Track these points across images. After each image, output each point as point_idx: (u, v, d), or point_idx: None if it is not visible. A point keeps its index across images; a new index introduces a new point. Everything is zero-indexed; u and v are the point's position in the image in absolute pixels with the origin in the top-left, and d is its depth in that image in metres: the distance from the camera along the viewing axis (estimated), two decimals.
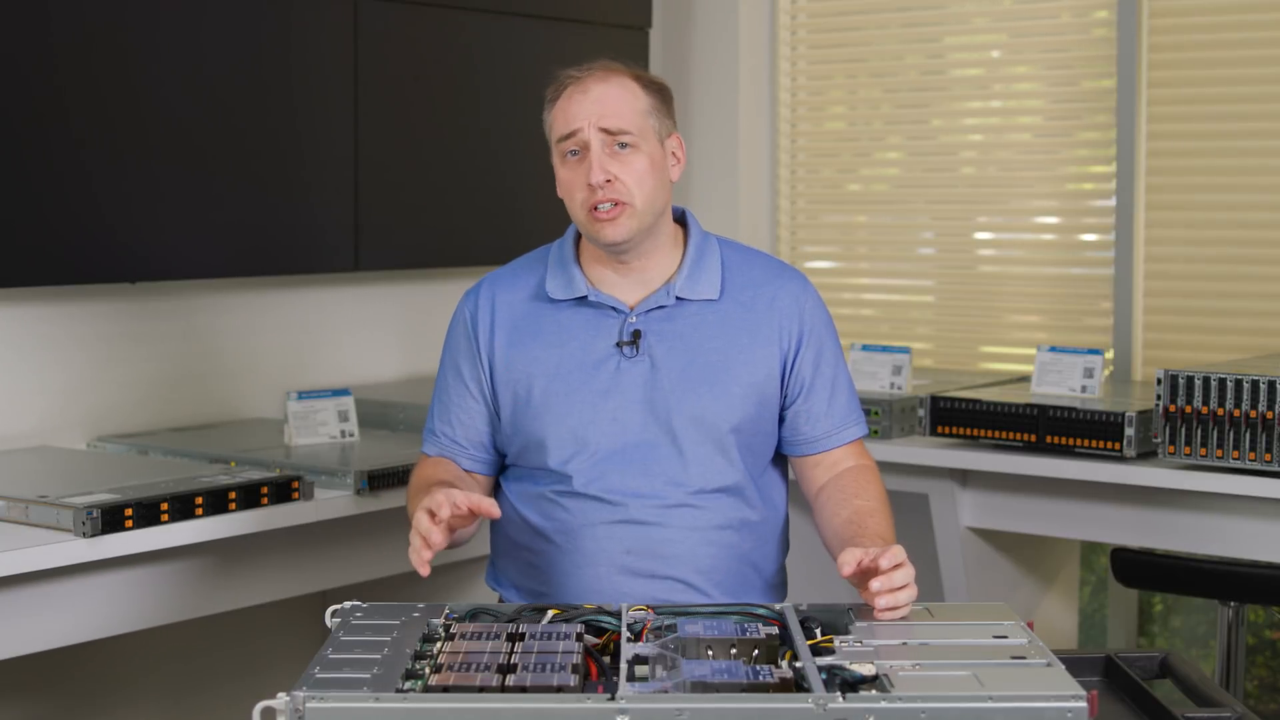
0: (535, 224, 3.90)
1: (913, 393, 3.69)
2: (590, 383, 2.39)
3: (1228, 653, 3.24)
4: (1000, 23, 4.22)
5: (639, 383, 2.38)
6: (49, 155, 3.15)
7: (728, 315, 2.42)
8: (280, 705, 1.70)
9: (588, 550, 2.37)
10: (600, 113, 2.34)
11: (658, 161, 2.39)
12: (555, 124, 2.40)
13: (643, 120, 2.37)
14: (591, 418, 2.37)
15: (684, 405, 2.37)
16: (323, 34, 3.61)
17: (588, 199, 2.35)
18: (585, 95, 2.36)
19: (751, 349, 2.41)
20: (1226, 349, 3.77)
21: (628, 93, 2.38)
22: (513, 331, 2.45)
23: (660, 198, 2.39)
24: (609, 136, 2.34)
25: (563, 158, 2.39)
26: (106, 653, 3.38)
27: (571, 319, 2.42)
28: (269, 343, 3.71)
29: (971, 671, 1.78)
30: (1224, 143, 3.85)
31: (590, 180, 2.33)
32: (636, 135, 2.35)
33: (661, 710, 1.67)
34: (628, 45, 4.26)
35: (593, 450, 2.37)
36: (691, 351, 2.39)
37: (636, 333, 2.39)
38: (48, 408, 3.32)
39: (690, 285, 2.42)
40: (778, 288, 2.46)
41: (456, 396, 2.49)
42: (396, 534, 3.21)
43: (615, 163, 2.34)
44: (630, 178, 2.34)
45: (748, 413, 2.40)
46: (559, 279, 2.44)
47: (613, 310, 2.41)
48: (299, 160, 3.59)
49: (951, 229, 4.32)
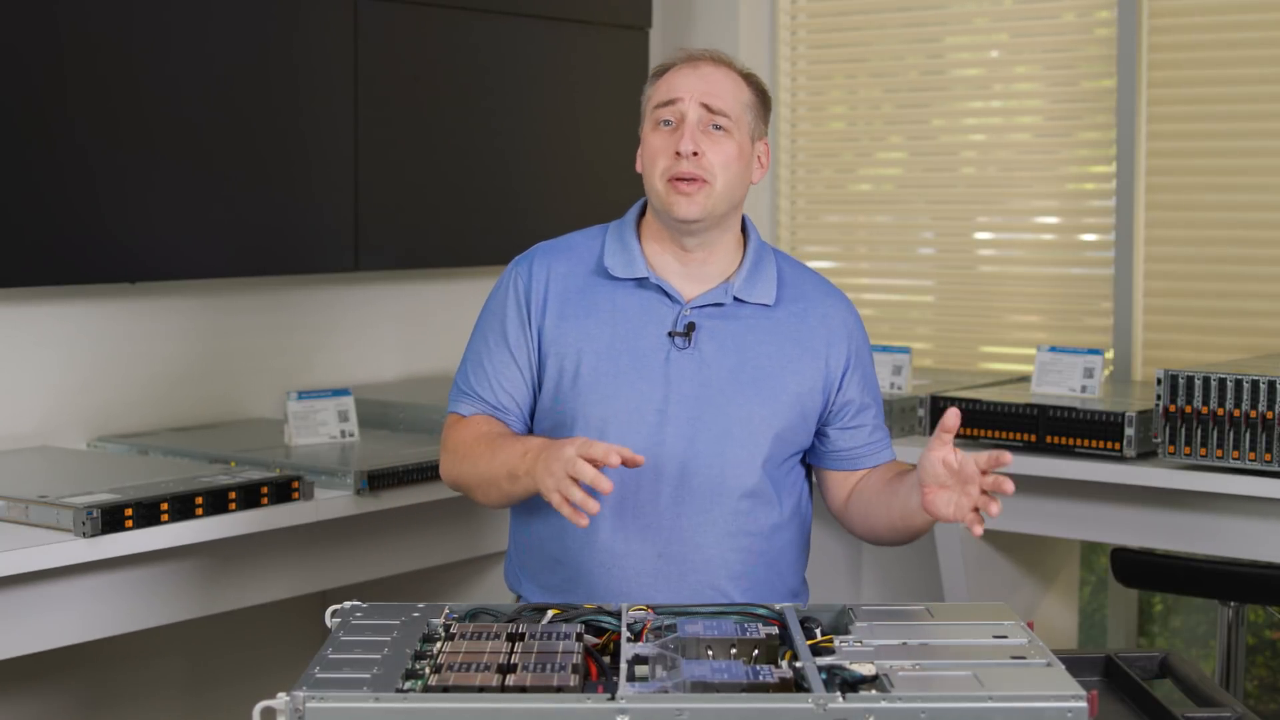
0: (536, 223, 3.91)
1: (913, 393, 3.69)
2: (639, 367, 2.37)
3: (1228, 653, 3.24)
4: (1000, 23, 4.22)
5: (688, 376, 2.37)
6: (49, 156, 3.15)
7: (780, 324, 2.42)
8: (280, 705, 1.70)
9: (618, 551, 2.35)
10: (706, 89, 2.38)
11: (745, 154, 2.41)
12: (657, 92, 2.41)
13: (741, 111, 2.40)
14: (636, 405, 2.35)
15: (732, 405, 2.36)
16: (323, 34, 3.61)
17: (670, 167, 2.36)
18: (695, 71, 2.40)
19: (799, 360, 2.42)
20: (1226, 349, 3.77)
21: (733, 82, 2.42)
22: (565, 304, 2.42)
23: (738, 190, 2.41)
24: (707, 114, 2.37)
25: (655, 125, 2.40)
26: (106, 653, 3.38)
27: (627, 299, 2.41)
28: (269, 343, 3.71)
29: (971, 671, 1.77)
30: (1224, 143, 3.85)
31: (679, 148, 2.34)
32: (733, 121, 2.38)
33: (661, 710, 1.67)
34: (628, 45, 4.26)
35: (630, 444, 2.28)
36: (743, 353, 2.39)
37: (691, 325, 2.39)
38: (48, 408, 3.32)
39: (748, 288, 2.42)
40: (829, 307, 2.47)
41: (500, 362, 2.43)
42: (397, 534, 3.21)
43: (707, 140, 2.36)
44: (718, 158, 2.36)
45: (790, 421, 2.40)
46: (619, 256, 2.43)
47: (668, 298, 2.40)
48: (299, 160, 3.59)
49: (951, 229, 4.32)
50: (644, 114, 2.44)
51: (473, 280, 4.06)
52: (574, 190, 4.15)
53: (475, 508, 3.31)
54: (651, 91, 2.44)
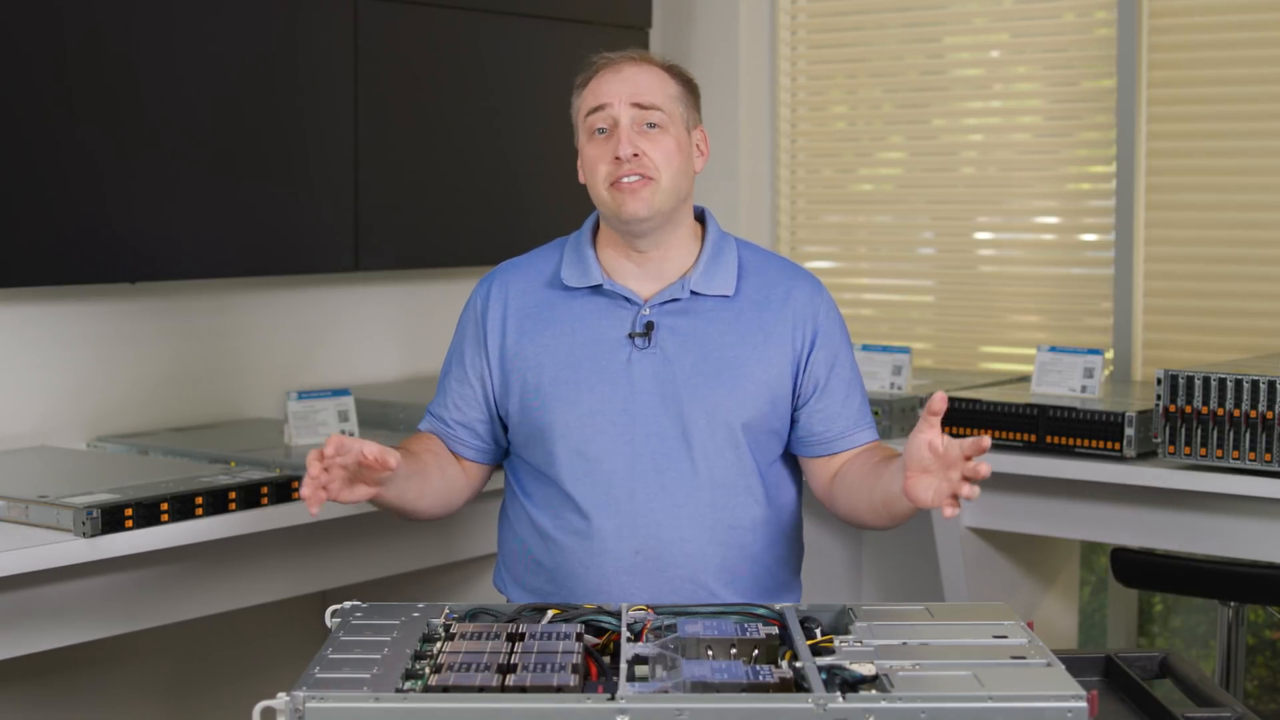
0: (536, 223, 3.91)
1: (913, 393, 3.69)
2: (600, 372, 2.38)
3: (1228, 653, 3.24)
4: (1000, 23, 4.22)
5: (650, 374, 2.38)
6: (50, 156, 3.15)
7: (742, 312, 2.42)
8: (280, 705, 1.70)
9: (595, 549, 2.36)
10: (632, 90, 2.39)
11: (684, 146, 2.42)
12: (584, 101, 2.43)
13: (672, 104, 2.41)
14: (601, 408, 2.37)
15: (696, 399, 2.37)
16: (323, 34, 3.61)
17: (612, 172, 2.37)
18: (618, 74, 2.42)
19: (765, 347, 2.41)
20: (1226, 349, 3.77)
21: (658, 78, 2.43)
22: (524, 320, 2.45)
23: (684, 183, 2.41)
24: (639, 113, 2.38)
25: (590, 135, 2.41)
26: (106, 653, 3.38)
27: (584, 308, 2.43)
28: (269, 343, 3.71)
29: (971, 671, 1.78)
30: (1224, 143, 3.85)
31: (618, 153, 2.36)
32: (666, 115, 2.39)
33: (661, 710, 1.67)
34: (628, 45, 4.24)
35: (600, 446, 2.37)
36: (705, 346, 2.39)
37: (649, 324, 2.40)
38: (48, 408, 3.32)
39: (706, 280, 2.43)
40: (791, 287, 2.46)
41: (455, 381, 2.51)
42: (397, 534, 3.21)
43: (644, 140, 2.38)
44: (658, 154, 2.37)
45: (759, 410, 2.40)
46: (574, 267, 2.45)
47: (626, 301, 2.42)
48: (299, 160, 3.59)
49: (951, 229, 4.32)
50: (576, 126, 2.46)
51: (473, 280, 4.00)
52: (573, 190, 4.10)
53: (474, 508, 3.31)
54: (579, 102, 2.45)
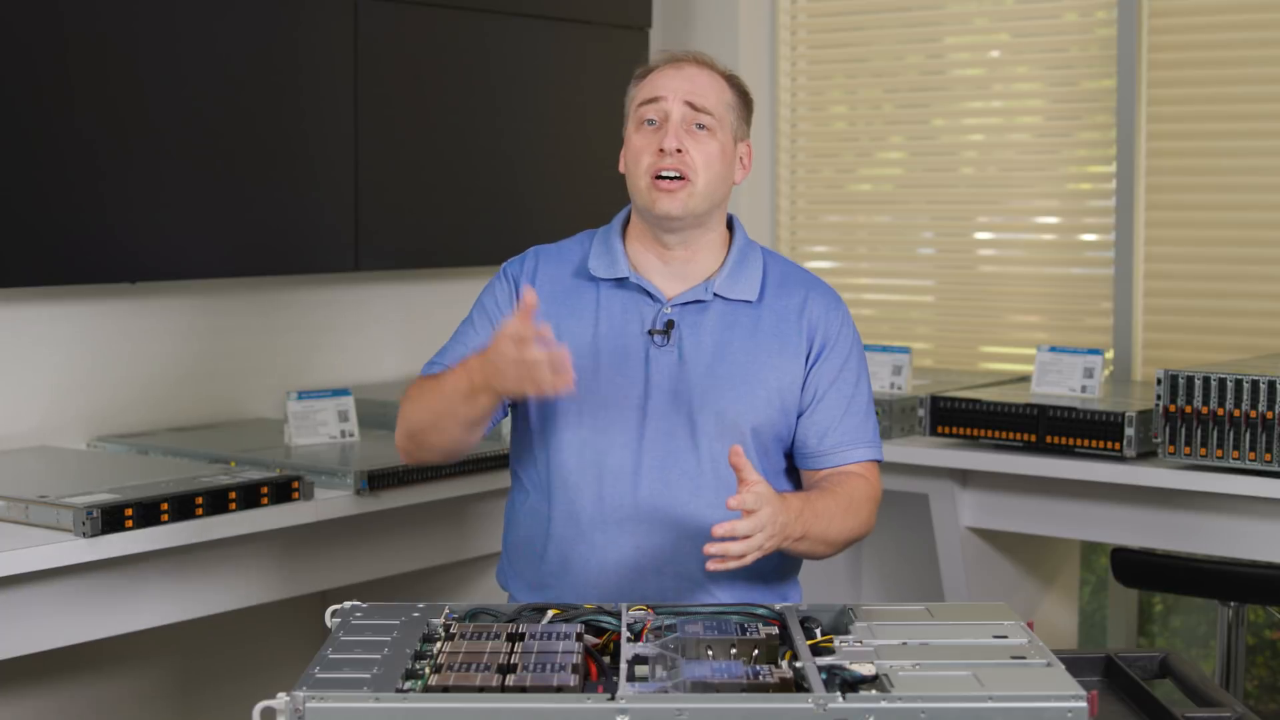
0: (537, 223, 3.91)
1: (913, 393, 3.69)
2: (617, 364, 2.40)
3: (1228, 653, 3.24)
4: (1000, 23, 4.22)
5: (666, 373, 2.39)
6: (50, 156, 3.15)
7: (761, 319, 2.44)
8: (280, 705, 1.70)
9: (598, 543, 2.37)
10: (690, 89, 2.40)
11: (728, 154, 2.43)
12: (640, 91, 2.44)
13: (725, 111, 2.43)
14: (613, 399, 2.38)
15: (708, 400, 2.38)
16: (323, 34, 3.61)
17: (654, 164, 2.38)
18: (679, 71, 2.43)
19: (780, 354, 2.42)
20: (1226, 349, 3.77)
21: (716, 83, 2.44)
22: (550, 304, 2.44)
23: (721, 189, 2.43)
24: (691, 113, 2.39)
25: (639, 125, 2.42)
26: (106, 652, 3.38)
27: (608, 299, 2.44)
28: (269, 343, 3.71)
29: (971, 671, 1.77)
30: (1224, 143, 3.85)
31: (663, 145, 2.37)
32: (716, 121, 2.40)
33: (661, 710, 1.67)
34: (628, 45, 4.26)
35: (609, 437, 2.37)
36: (721, 349, 2.40)
37: (670, 322, 2.41)
38: (48, 408, 3.32)
39: (730, 284, 2.44)
40: (808, 297, 2.48)
41: (473, 327, 2.48)
42: (397, 534, 3.21)
43: (690, 139, 2.39)
44: (700, 156, 2.38)
45: (769, 416, 2.41)
46: (602, 258, 2.46)
47: (650, 297, 2.43)
48: (299, 160, 3.59)
49: (951, 229, 4.32)
50: (627, 114, 2.47)
51: (473, 280, 4.04)
52: (574, 190, 4.15)
53: (475, 508, 3.31)
54: (635, 91, 2.46)
